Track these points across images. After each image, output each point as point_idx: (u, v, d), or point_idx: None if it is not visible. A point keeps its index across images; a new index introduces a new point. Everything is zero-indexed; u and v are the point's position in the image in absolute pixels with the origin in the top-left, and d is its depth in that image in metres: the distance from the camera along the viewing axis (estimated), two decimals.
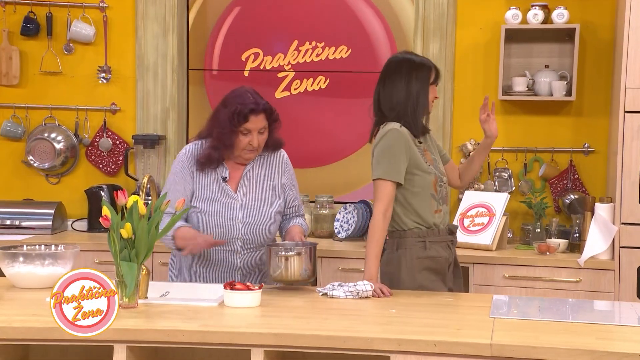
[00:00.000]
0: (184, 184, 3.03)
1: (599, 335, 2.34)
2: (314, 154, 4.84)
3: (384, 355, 2.28)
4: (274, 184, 3.13)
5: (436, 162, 3.17)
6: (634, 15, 3.76)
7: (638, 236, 3.78)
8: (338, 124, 4.81)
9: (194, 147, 3.07)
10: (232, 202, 3.04)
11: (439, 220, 3.10)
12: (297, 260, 2.85)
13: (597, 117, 4.37)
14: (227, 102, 3.02)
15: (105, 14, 4.73)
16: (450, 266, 3.15)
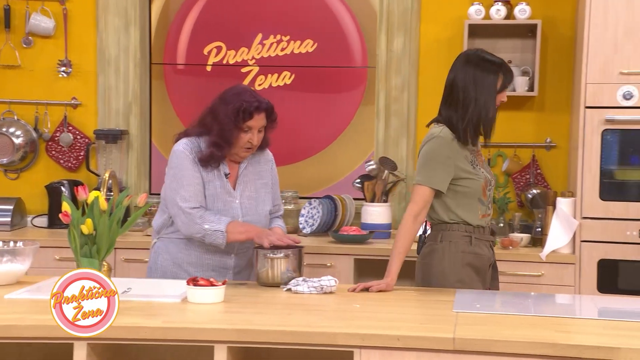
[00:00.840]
0: (199, 173, 2.99)
1: (559, 328, 2.38)
2: (279, 153, 4.76)
3: (348, 350, 2.29)
4: (265, 182, 3.16)
5: (487, 165, 3.15)
6: (594, 12, 3.81)
7: (598, 230, 3.84)
8: (304, 121, 4.76)
9: (191, 144, 3.02)
10: (232, 200, 3.05)
11: (485, 223, 3.04)
12: (284, 262, 2.87)
13: (558, 113, 4.43)
14: (226, 99, 2.99)
15: (65, 6, 4.67)
16: (490, 266, 3.10)
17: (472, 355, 2.23)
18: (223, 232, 2.92)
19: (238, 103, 2.95)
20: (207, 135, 3.00)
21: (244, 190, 3.09)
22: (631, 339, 2.25)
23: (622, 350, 2.16)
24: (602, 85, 3.82)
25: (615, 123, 3.82)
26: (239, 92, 3.01)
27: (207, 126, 3.00)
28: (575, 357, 2.18)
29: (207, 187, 3.01)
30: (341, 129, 4.75)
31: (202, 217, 2.94)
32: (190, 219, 2.94)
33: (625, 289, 3.80)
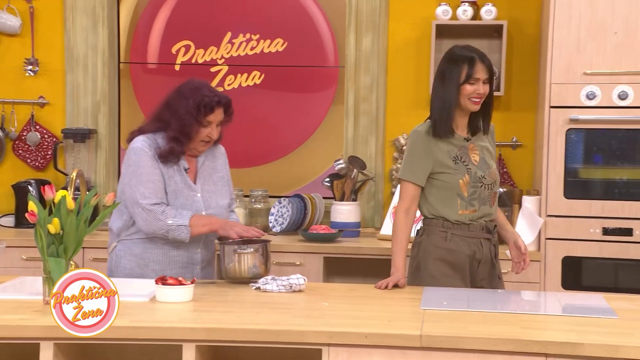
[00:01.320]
0: (159, 171, 2.96)
1: (524, 324, 2.40)
2: (250, 154, 4.73)
3: (316, 348, 2.29)
4: (221, 176, 3.16)
5: (483, 162, 3.06)
6: (558, 13, 3.85)
7: (563, 228, 3.89)
8: (275, 122, 4.72)
9: (149, 140, 2.98)
10: (194, 194, 3.03)
11: (467, 219, 3.02)
12: (251, 257, 2.87)
13: (524, 112, 4.47)
14: (184, 94, 2.97)
15: (31, 5, 4.61)
16: (480, 264, 3.05)
17: (439, 352, 2.25)
18: (187, 227, 2.90)
19: (199, 98, 2.94)
20: (164, 130, 2.98)
21: (204, 184, 3.07)
22: (594, 335, 2.28)
23: (585, 345, 2.19)
24: (566, 85, 3.87)
25: (579, 122, 3.87)
26: (196, 86, 2.99)
27: (165, 121, 2.98)
28: (539, 352, 2.21)
29: (168, 183, 2.98)
30: (312, 130, 4.72)
31: (164, 212, 2.90)
32: (152, 215, 2.90)
33: (588, 285, 3.85)
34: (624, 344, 2.19)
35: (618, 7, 3.80)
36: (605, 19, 3.81)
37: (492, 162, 3.10)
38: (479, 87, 2.96)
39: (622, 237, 3.83)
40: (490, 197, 3.07)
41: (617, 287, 3.85)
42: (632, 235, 3.83)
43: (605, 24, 3.81)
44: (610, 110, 3.85)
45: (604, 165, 3.95)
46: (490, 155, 3.11)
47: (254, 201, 4.47)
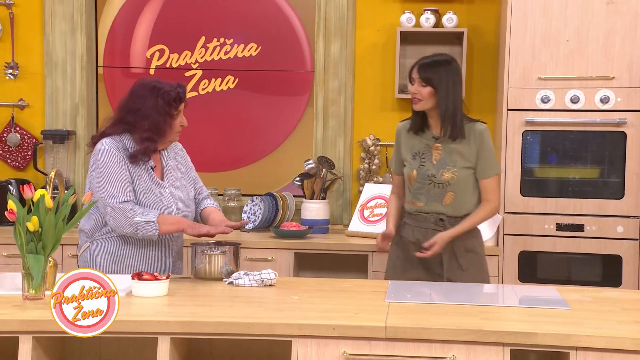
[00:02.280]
0: (127, 171, 2.92)
1: (483, 315, 2.42)
2: (224, 158, 4.67)
3: (286, 339, 2.29)
4: (184, 171, 3.13)
5: (442, 162, 3.13)
6: (514, 21, 3.89)
7: (520, 224, 3.92)
8: (249, 126, 4.66)
9: (115, 142, 2.94)
10: (162, 191, 3.00)
11: (412, 210, 3.20)
12: (221, 258, 2.86)
13: (483, 115, 4.44)
14: (145, 95, 2.93)
15: (11, 10, 4.54)
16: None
17: (403, 342, 2.26)
18: (155, 223, 2.86)
19: (166, 95, 2.92)
20: (131, 132, 2.94)
21: (170, 180, 3.05)
22: (548, 325, 2.30)
23: (539, 335, 2.22)
24: (522, 89, 3.90)
25: (534, 125, 3.91)
26: (153, 85, 2.96)
27: (130, 124, 2.94)
28: (497, 342, 2.23)
29: (137, 182, 2.94)
30: (287, 133, 4.67)
31: (132, 210, 2.86)
32: (121, 213, 2.85)
33: (543, 278, 3.89)
34: (575, 333, 2.21)
35: (570, 17, 3.85)
36: (558, 28, 3.85)
37: (458, 164, 3.13)
38: (413, 87, 3.15)
39: (574, 233, 3.88)
40: (442, 195, 3.14)
41: (570, 280, 3.90)
42: (584, 231, 3.87)
43: (558, 33, 3.86)
44: (564, 113, 3.89)
45: (558, 165, 3.99)
46: (461, 157, 3.13)
47: (227, 199, 4.46)
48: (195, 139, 4.44)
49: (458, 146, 3.14)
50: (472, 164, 3.15)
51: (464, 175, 3.14)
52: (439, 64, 3.14)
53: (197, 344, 2.54)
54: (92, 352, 2.59)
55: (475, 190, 3.18)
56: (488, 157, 3.16)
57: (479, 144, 3.14)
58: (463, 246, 3.16)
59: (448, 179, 3.13)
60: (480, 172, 3.16)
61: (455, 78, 3.14)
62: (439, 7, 4.38)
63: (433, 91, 3.10)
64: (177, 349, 2.34)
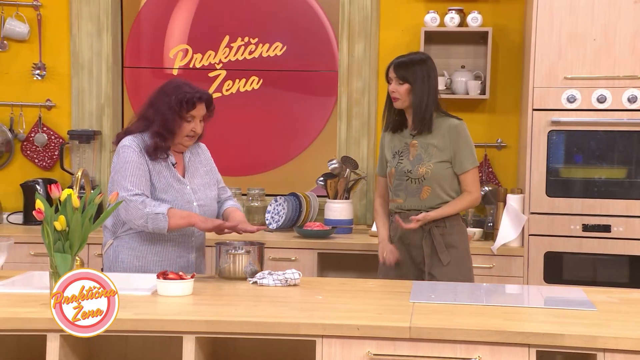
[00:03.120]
0: (146, 166, 2.94)
1: (509, 316, 2.40)
2: (248, 161, 4.61)
3: (310, 339, 2.29)
4: (208, 170, 3.15)
5: (418, 158, 3.23)
6: (540, 21, 3.86)
7: (545, 225, 3.89)
8: (274, 128, 4.58)
9: (136, 139, 2.97)
10: (183, 187, 3.01)
11: (395, 208, 3.30)
12: (245, 257, 2.87)
13: (508, 114, 4.47)
14: (167, 92, 2.97)
15: (39, 12, 4.60)
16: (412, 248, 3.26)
17: (427, 342, 2.25)
18: (164, 215, 2.85)
19: (181, 94, 2.94)
20: (149, 128, 2.96)
21: (192, 177, 3.06)
22: (574, 326, 2.28)
23: (566, 336, 2.20)
24: (548, 89, 3.87)
25: (560, 125, 3.87)
26: (178, 85, 3.00)
27: (149, 119, 2.97)
28: (522, 343, 2.21)
29: (157, 178, 2.96)
30: (313, 137, 4.58)
31: (144, 202, 2.86)
32: (132, 205, 2.85)
33: (569, 279, 3.86)
34: (602, 335, 2.19)
35: (597, 15, 3.81)
36: (585, 26, 3.82)
37: (433, 158, 3.21)
38: (391, 86, 3.26)
39: (601, 234, 3.84)
40: (419, 190, 3.24)
41: (596, 281, 3.86)
42: (610, 232, 3.83)
43: (585, 31, 3.82)
44: (590, 112, 3.85)
45: (583, 165, 3.95)
46: (436, 151, 3.22)
47: (251, 199, 4.47)
48: (219, 141, 4.39)
49: (433, 140, 3.23)
50: (447, 158, 3.23)
51: (439, 168, 3.22)
52: (413, 62, 3.25)
53: (221, 344, 2.55)
54: (118, 351, 2.61)
55: (453, 185, 3.25)
56: (465, 151, 3.24)
57: (454, 138, 3.23)
58: (443, 242, 3.22)
59: (423, 174, 3.22)
60: (458, 165, 3.24)
61: (429, 74, 3.24)
62: (463, 6, 4.36)
63: (410, 88, 3.21)
64: (202, 348, 2.35)
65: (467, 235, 3.35)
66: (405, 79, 3.22)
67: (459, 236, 3.27)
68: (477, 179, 3.28)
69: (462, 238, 3.29)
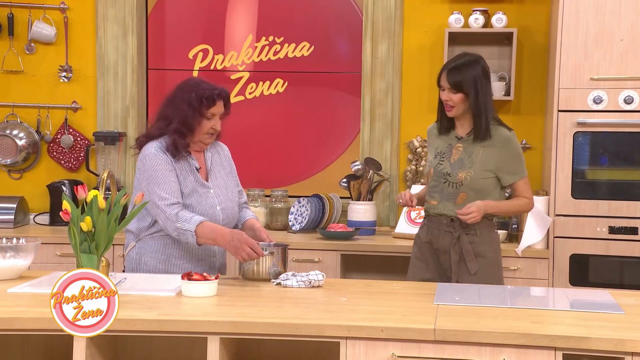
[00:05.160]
0: (175, 172, 2.95)
1: (534, 319, 2.38)
2: (275, 172, 4.50)
3: (334, 341, 2.29)
4: (229, 171, 3.16)
5: (460, 162, 3.12)
6: (566, 21, 3.83)
7: (571, 227, 3.86)
8: (302, 135, 4.45)
9: (159, 144, 2.97)
10: (207, 191, 3.02)
11: (430, 209, 3.19)
12: (269, 259, 2.86)
13: (533, 116, 4.44)
14: (185, 89, 2.98)
15: (66, 15, 4.64)
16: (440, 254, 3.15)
17: (452, 345, 2.24)
18: (192, 233, 2.86)
19: (200, 91, 2.94)
20: (168, 127, 2.96)
21: (215, 180, 3.07)
22: (601, 329, 2.26)
23: (593, 339, 2.17)
24: (574, 90, 3.84)
25: (586, 126, 3.83)
26: (196, 82, 3.01)
27: (168, 117, 2.97)
28: (549, 346, 2.19)
29: (183, 184, 2.96)
30: (344, 142, 4.42)
31: (177, 215, 2.88)
32: (167, 216, 2.88)
33: (595, 282, 3.82)
34: (630, 338, 2.16)
35: (624, 15, 3.77)
36: (612, 27, 3.78)
37: (476, 166, 3.09)
38: (444, 94, 3.11)
39: (627, 236, 3.80)
40: (455, 195, 3.13)
41: (623, 284, 3.82)
42: (638, 234, 3.79)
43: (612, 32, 3.78)
44: (616, 114, 3.81)
45: (610, 167, 3.91)
46: (480, 160, 3.09)
47: (274, 201, 4.47)
48: (242, 146, 4.34)
49: (480, 149, 3.11)
50: (491, 168, 3.10)
51: (479, 177, 3.10)
52: (465, 66, 3.09)
53: (245, 344, 2.56)
54: (144, 351, 2.62)
55: (490, 196, 3.12)
56: (516, 163, 3.15)
57: (504, 150, 3.11)
58: (472, 250, 3.12)
59: (462, 179, 3.10)
60: (509, 176, 3.15)
61: (483, 78, 3.10)
62: (488, 7, 4.33)
63: (464, 96, 3.07)
64: (226, 349, 2.36)
65: (498, 245, 3.23)
66: (459, 86, 3.06)
67: (489, 245, 3.16)
68: (529, 187, 3.20)
69: (492, 248, 3.18)
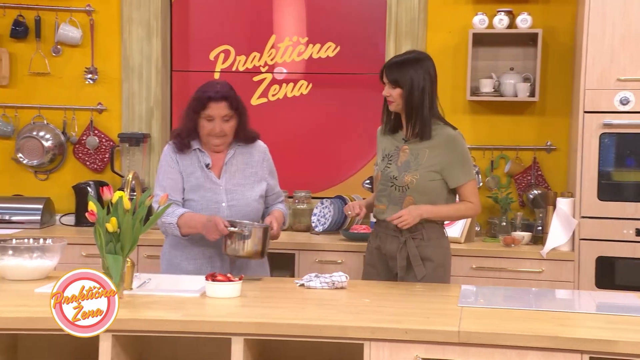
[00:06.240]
0: (177, 170, 3.06)
1: (559, 322, 2.36)
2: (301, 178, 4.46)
3: (358, 342, 2.28)
4: (255, 172, 3.16)
5: (406, 165, 3.01)
6: (592, 22, 3.79)
7: (597, 229, 3.82)
8: (327, 139, 4.39)
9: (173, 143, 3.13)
10: (216, 187, 3.07)
11: (378, 213, 3.10)
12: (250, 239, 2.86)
13: (558, 117, 4.40)
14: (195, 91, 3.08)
15: (91, 17, 4.69)
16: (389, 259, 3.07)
17: (477, 347, 2.22)
18: (175, 225, 2.96)
19: (197, 93, 3.03)
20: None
21: (230, 178, 3.10)
22: (628, 332, 2.23)
23: (620, 343, 2.15)
24: (600, 91, 3.80)
25: (612, 127, 3.79)
26: (205, 84, 3.09)
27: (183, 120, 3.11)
28: (575, 349, 2.17)
29: (188, 179, 3.05)
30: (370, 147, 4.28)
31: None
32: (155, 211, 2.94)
33: (621, 284, 3.77)
34: None
35: None
36: (638, 27, 3.73)
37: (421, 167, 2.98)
38: (384, 89, 3.05)
39: None
40: (401, 199, 3.02)
41: None
42: None
43: (639, 33, 3.74)
44: None
45: (636, 168, 3.87)
46: (426, 160, 2.99)
47: (297, 202, 4.48)
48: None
49: (427, 150, 3.00)
50: (436, 169, 2.99)
51: (425, 179, 2.98)
52: (406, 63, 3.01)
53: (269, 345, 2.56)
54: (169, 351, 2.64)
55: (438, 200, 3.00)
56: (461, 163, 3.00)
57: (448, 150, 2.99)
58: (418, 254, 3.01)
59: (407, 182, 2.99)
60: (455, 178, 3.00)
61: (423, 76, 3.00)
62: (512, 7, 4.30)
63: (402, 92, 2.99)
64: (250, 350, 2.36)
65: (447, 249, 3.09)
66: (396, 82, 2.99)
67: (437, 249, 3.03)
68: (475, 191, 3.03)
69: (440, 252, 3.04)
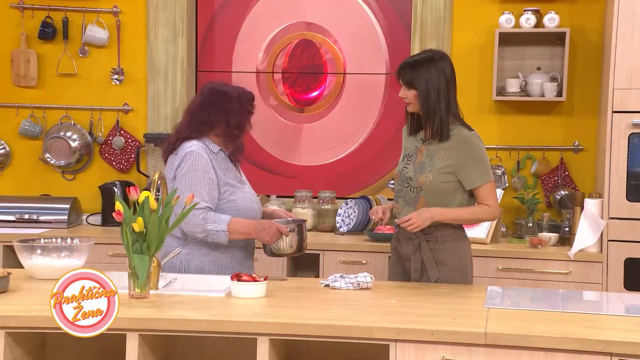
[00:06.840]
0: (213, 172, 2.99)
1: (588, 324, 2.34)
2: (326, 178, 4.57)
3: (384, 343, 2.28)
4: None
5: (422, 166, 2.99)
6: (621, 20, 3.74)
7: (625, 230, 3.77)
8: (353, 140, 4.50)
9: (201, 144, 3.01)
10: (244, 186, 3.12)
11: (396, 214, 3.08)
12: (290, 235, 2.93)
13: (586, 117, 4.36)
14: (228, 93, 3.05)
15: (118, 18, 4.72)
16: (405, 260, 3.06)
17: (503, 349, 2.21)
18: (225, 232, 2.92)
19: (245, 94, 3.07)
20: (211, 133, 3.04)
21: (243, 176, 3.19)
22: None
23: None
24: (629, 90, 3.75)
25: None
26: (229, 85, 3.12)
27: (212, 122, 3.03)
28: (604, 351, 2.15)
29: (222, 179, 3.01)
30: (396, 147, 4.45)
31: (205, 217, 2.91)
32: (194, 219, 2.90)
33: None
34: None
35: None
36: None
37: (435, 167, 2.94)
38: (401, 90, 3.01)
39: None
40: (415, 200, 2.99)
41: None
42: None
43: None
44: None
45: None
46: (441, 162, 2.95)
47: (322, 202, 4.48)
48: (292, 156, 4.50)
49: (442, 151, 2.95)
50: (450, 170, 2.94)
51: (439, 181, 2.93)
52: (419, 63, 2.96)
53: (294, 345, 2.56)
54: (194, 351, 2.65)
55: (451, 203, 2.94)
56: (476, 164, 2.93)
57: (463, 151, 2.93)
58: (432, 257, 2.98)
59: (421, 184, 2.96)
60: (469, 180, 2.94)
61: (438, 77, 2.93)
62: (540, 6, 4.26)
63: (417, 93, 2.95)
64: (275, 350, 2.37)
65: (466, 252, 3.03)
66: (410, 83, 2.95)
67: (453, 253, 2.98)
68: (492, 194, 2.96)
69: (457, 255, 2.99)
